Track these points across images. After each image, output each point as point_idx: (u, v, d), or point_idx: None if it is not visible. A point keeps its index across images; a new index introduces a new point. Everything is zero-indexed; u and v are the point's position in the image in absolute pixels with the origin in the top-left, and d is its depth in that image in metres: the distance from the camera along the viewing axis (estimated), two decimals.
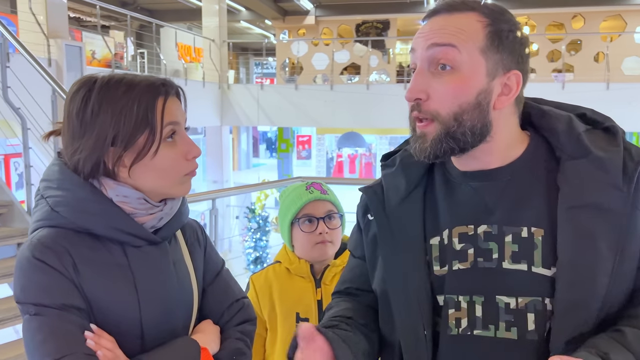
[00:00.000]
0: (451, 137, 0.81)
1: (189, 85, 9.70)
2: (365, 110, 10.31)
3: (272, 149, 21.68)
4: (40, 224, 0.90)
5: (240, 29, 17.33)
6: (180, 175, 0.94)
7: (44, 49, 6.02)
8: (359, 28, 14.53)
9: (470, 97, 0.80)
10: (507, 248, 0.82)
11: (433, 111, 0.81)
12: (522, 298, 0.80)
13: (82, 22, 13.95)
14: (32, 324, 0.84)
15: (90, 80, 0.91)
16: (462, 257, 0.85)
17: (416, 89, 0.82)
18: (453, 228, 0.86)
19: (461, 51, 0.79)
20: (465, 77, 0.80)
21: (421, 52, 0.82)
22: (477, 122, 0.81)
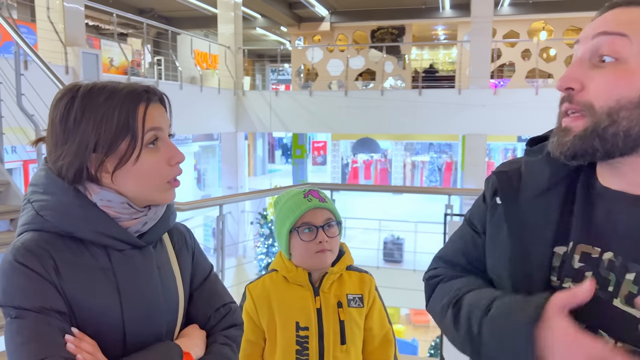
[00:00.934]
0: (599, 135, 0.72)
1: (205, 92, 9.80)
2: (379, 116, 10.29)
3: (288, 155, 21.77)
4: (25, 228, 0.91)
5: (256, 35, 17.47)
6: (164, 181, 0.94)
7: (62, 57, 6.13)
8: (374, 34, 14.53)
9: (632, 93, 0.71)
10: (625, 286, 0.73)
11: (586, 102, 0.73)
12: (621, 344, 0.72)
13: (101, 30, 14.20)
14: (12, 327, 0.84)
15: (74, 88, 0.92)
16: (577, 277, 0.78)
17: (570, 76, 0.74)
18: (578, 244, 0.79)
19: (632, 41, 0.71)
20: (631, 70, 0.71)
21: (586, 40, 0.75)
22: (635, 124, 0.71)
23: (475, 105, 9.37)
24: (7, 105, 3.73)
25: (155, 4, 13.60)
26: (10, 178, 3.60)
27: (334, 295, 1.47)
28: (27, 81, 3.65)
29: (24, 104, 3.61)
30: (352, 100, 10.38)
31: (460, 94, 9.74)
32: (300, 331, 1.43)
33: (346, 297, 1.47)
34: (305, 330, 1.43)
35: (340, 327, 1.44)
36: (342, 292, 1.48)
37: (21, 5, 10.73)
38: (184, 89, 9.06)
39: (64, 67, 6.06)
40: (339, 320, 1.45)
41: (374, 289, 1.53)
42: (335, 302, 1.46)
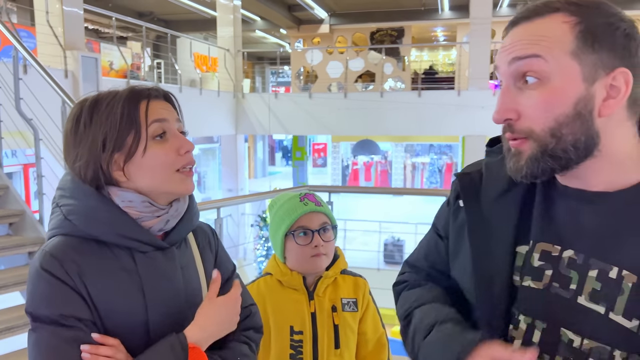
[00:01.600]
0: (550, 155, 0.73)
1: (204, 95, 9.81)
2: (379, 118, 10.29)
3: (288, 157, 21.77)
4: (54, 232, 0.94)
5: (255, 38, 17.48)
6: (174, 170, 0.95)
7: (61, 61, 6.14)
8: (374, 36, 14.55)
9: (566, 108, 0.71)
10: (589, 283, 0.73)
11: (527, 129, 0.73)
12: (588, 340, 0.73)
13: (101, 34, 14.22)
14: (30, 340, 0.88)
15: (84, 101, 0.97)
16: (536, 275, 0.78)
17: (504, 108, 0.74)
18: (538, 242, 0.79)
19: (547, 60, 0.71)
20: (557, 87, 0.71)
21: (504, 69, 0.75)
22: (579, 135, 0.71)
23: (475, 106, 9.36)
24: (5, 109, 3.74)
25: (154, 7, 13.63)
26: (9, 182, 3.60)
27: (329, 299, 1.46)
28: (25, 85, 3.66)
29: (22, 108, 3.61)
30: (352, 102, 10.38)
31: (459, 95, 9.74)
32: (295, 335, 1.43)
33: (340, 301, 1.47)
34: (300, 335, 1.43)
35: (334, 331, 1.44)
36: (336, 296, 1.47)
37: (21, 10, 10.75)
38: (184, 91, 9.06)
39: (63, 71, 6.06)
40: (333, 325, 1.44)
41: (367, 293, 1.53)
42: (329, 306, 1.46)
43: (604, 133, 0.73)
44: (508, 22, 0.77)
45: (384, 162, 17.08)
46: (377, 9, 13.49)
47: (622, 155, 0.74)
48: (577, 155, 0.73)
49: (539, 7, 0.74)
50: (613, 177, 0.75)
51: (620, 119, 0.74)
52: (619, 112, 0.73)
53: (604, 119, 0.72)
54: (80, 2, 6.56)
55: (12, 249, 3.25)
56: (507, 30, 0.76)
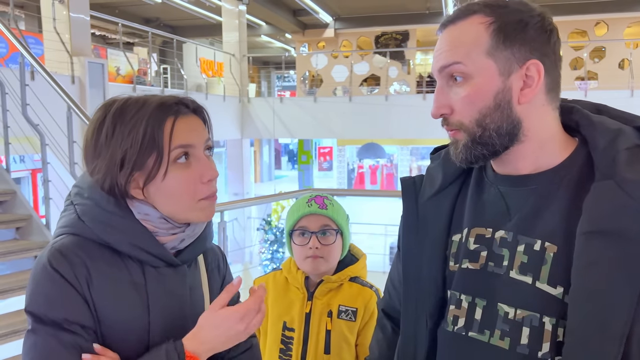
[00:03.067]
0: (478, 143, 0.82)
1: (210, 100, 9.86)
2: (384, 121, 10.30)
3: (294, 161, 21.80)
4: (65, 230, 0.89)
5: (260, 42, 17.55)
6: (196, 200, 0.90)
7: (68, 67, 6.20)
8: (379, 39, 14.56)
9: (487, 101, 0.80)
10: (518, 258, 0.81)
11: (457, 123, 0.83)
12: (520, 310, 0.79)
13: (108, 40, 14.34)
14: (27, 341, 0.83)
15: (110, 104, 0.91)
16: (473, 257, 0.86)
17: (438, 105, 0.84)
18: (472, 228, 0.87)
19: (467, 64, 0.80)
20: (478, 83, 0.80)
21: (436, 74, 0.84)
22: (501, 122, 0.80)
23: None
24: (12, 115, 3.79)
25: (160, 13, 13.72)
26: (17, 187, 3.65)
27: (327, 303, 1.45)
28: (32, 91, 3.71)
29: (29, 114, 3.65)
30: (357, 106, 10.40)
31: None
32: (287, 331, 1.45)
33: (338, 308, 1.44)
34: (291, 332, 1.44)
35: (325, 336, 1.42)
36: (335, 302, 1.45)
37: (29, 17, 10.87)
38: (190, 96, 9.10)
39: (70, 77, 6.13)
40: (325, 329, 1.43)
41: (373, 304, 1.45)
42: (325, 310, 1.44)
43: (526, 118, 0.81)
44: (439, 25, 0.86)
45: (389, 166, 17.07)
46: (381, 12, 13.51)
47: (545, 137, 0.83)
48: (501, 141, 0.82)
49: (460, 11, 0.83)
50: (538, 160, 0.83)
51: (539, 104, 0.82)
52: (538, 98, 0.81)
53: (523, 106, 0.81)
54: (87, 9, 6.63)
55: (19, 253, 3.29)
56: (438, 32, 0.86)
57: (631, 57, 10.04)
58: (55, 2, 6.24)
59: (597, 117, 0.83)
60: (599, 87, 11.27)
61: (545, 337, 0.76)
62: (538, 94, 0.80)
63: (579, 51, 11.91)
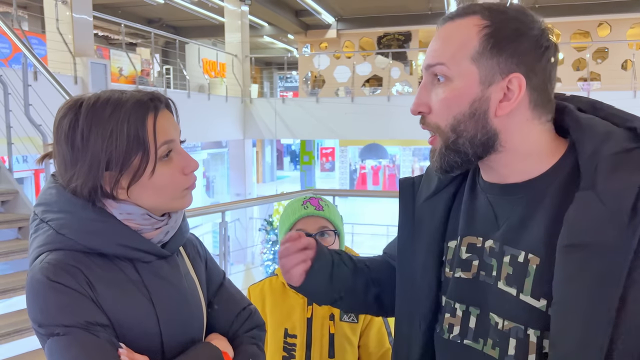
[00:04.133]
0: (452, 149, 0.80)
1: (212, 100, 9.88)
2: (386, 122, 10.30)
3: (296, 162, 21.81)
4: (46, 248, 0.86)
5: (263, 43, 17.58)
6: (179, 191, 0.92)
7: (71, 67, 6.22)
8: (381, 40, 14.57)
9: (463, 108, 0.78)
10: (504, 268, 0.80)
11: (434, 124, 0.81)
12: (507, 321, 0.78)
13: (110, 40, 14.37)
14: (60, 344, 0.80)
15: (76, 104, 0.87)
16: (465, 266, 0.85)
17: (418, 102, 0.82)
18: (464, 237, 0.86)
19: (449, 67, 0.78)
20: (457, 87, 0.78)
21: (423, 70, 0.83)
22: (475, 131, 0.78)
23: None
24: (15, 115, 3.80)
25: (163, 14, 13.75)
26: (19, 187, 3.66)
27: (328, 307, 1.38)
28: (34, 92, 3.72)
29: (31, 114, 3.67)
30: (359, 107, 10.40)
31: None
32: (288, 338, 1.43)
33: (340, 311, 1.43)
34: (293, 338, 1.43)
35: (329, 340, 1.42)
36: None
37: (32, 17, 10.90)
38: (192, 97, 9.14)
39: (73, 77, 6.15)
40: (328, 333, 1.42)
41: None
42: (327, 314, 1.43)
43: (504, 131, 0.79)
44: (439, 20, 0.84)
45: (391, 166, 17.07)
46: (384, 13, 13.51)
47: (527, 151, 0.80)
48: (474, 151, 0.80)
49: (462, 9, 0.81)
50: (524, 169, 0.81)
51: (522, 119, 0.79)
52: (520, 113, 0.78)
53: (502, 118, 0.78)
54: (89, 10, 6.65)
55: (22, 253, 3.30)
56: (437, 26, 0.84)
57: (634, 58, 10.01)
58: (59, 3, 6.27)
59: (586, 119, 0.79)
60: (602, 88, 11.25)
61: (531, 349, 0.76)
62: (519, 108, 0.77)
63: (582, 52, 11.89)
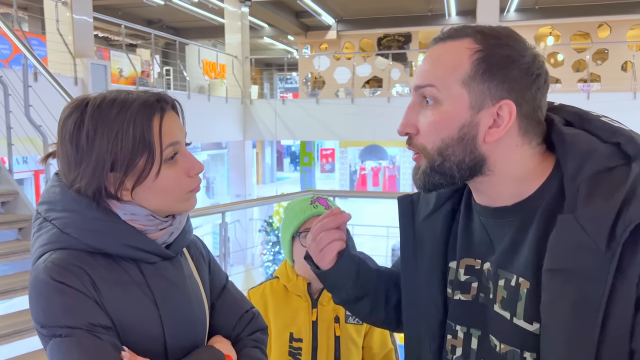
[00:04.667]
0: (437, 171, 0.79)
1: (212, 101, 9.88)
2: (387, 123, 10.28)
3: (296, 163, 21.81)
4: (50, 247, 0.86)
5: (263, 44, 17.58)
6: (184, 193, 0.91)
7: (71, 68, 6.23)
8: (381, 41, 14.58)
9: (452, 132, 0.77)
10: (499, 292, 0.80)
11: (420, 145, 0.80)
12: (504, 345, 0.78)
13: (110, 41, 14.38)
14: (63, 346, 0.79)
15: (82, 103, 0.87)
16: (465, 289, 0.85)
17: (406, 123, 0.81)
18: (462, 259, 0.86)
19: (440, 89, 0.77)
20: (446, 111, 0.77)
21: (412, 91, 0.82)
22: (463, 156, 0.78)
23: None
24: (15, 116, 3.80)
25: (163, 15, 13.76)
26: (19, 188, 3.67)
27: (332, 309, 1.43)
28: (34, 92, 3.72)
29: (32, 115, 3.67)
30: (359, 108, 10.40)
31: None
32: (294, 342, 1.42)
33: (344, 312, 1.43)
34: (299, 342, 1.41)
35: (335, 343, 1.41)
36: (340, 307, 1.42)
37: (32, 18, 10.91)
38: (192, 98, 9.14)
39: (73, 78, 6.15)
40: (334, 336, 1.41)
41: None
42: (332, 317, 1.43)
43: (492, 156, 0.78)
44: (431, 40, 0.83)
45: (391, 167, 17.06)
46: (384, 14, 13.52)
47: (515, 174, 0.79)
48: (461, 175, 0.79)
49: (454, 30, 0.80)
50: (510, 191, 0.80)
51: (511, 145, 0.78)
52: (510, 139, 0.77)
53: (489, 144, 0.77)
54: (90, 11, 6.66)
55: (22, 254, 3.30)
56: (430, 45, 0.83)
57: (634, 59, 10.01)
58: (59, 4, 6.27)
59: (570, 136, 0.77)
60: (602, 89, 11.25)
61: None
62: (508, 135, 0.77)
63: (582, 53, 11.89)
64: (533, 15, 12.54)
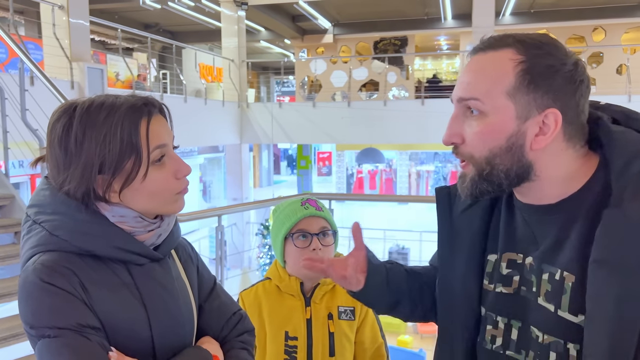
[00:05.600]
0: (484, 179, 0.81)
1: (209, 105, 9.88)
2: (383, 126, 10.32)
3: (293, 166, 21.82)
4: (39, 249, 0.87)
5: (260, 48, 17.61)
6: (171, 195, 0.93)
7: (67, 72, 6.23)
8: (377, 45, 14.62)
9: (500, 142, 0.79)
10: (543, 285, 0.82)
11: (467, 154, 0.83)
12: (547, 336, 0.81)
13: (107, 45, 14.38)
14: (52, 346, 0.80)
15: (71, 108, 0.89)
16: (506, 282, 0.88)
17: (452, 133, 0.83)
18: (504, 253, 0.89)
19: (484, 102, 0.79)
20: (493, 122, 0.79)
21: (455, 102, 0.84)
22: (511, 165, 0.80)
23: None
24: (12, 120, 3.80)
25: (160, 19, 13.77)
26: (15, 192, 3.66)
27: (325, 306, 1.46)
28: (31, 96, 3.72)
29: (28, 119, 3.67)
30: (356, 111, 10.42)
31: None
32: (289, 341, 1.44)
33: (337, 309, 1.46)
34: (294, 340, 1.43)
35: (329, 339, 1.44)
36: (333, 304, 1.47)
37: (28, 22, 10.90)
38: (189, 102, 9.14)
39: (70, 82, 6.15)
40: (328, 332, 1.44)
41: None
42: (325, 314, 1.45)
43: (539, 163, 0.81)
44: (471, 48, 0.85)
45: (388, 171, 17.08)
46: (380, 18, 13.57)
47: (560, 177, 0.82)
48: (508, 182, 0.82)
49: (494, 40, 0.81)
50: (555, 192, 0.83)
51: (557, 150, 0.80)
52: (555, 145, 0.80)
53: (536, 152, 0.80)
54: (86, 15, 6.66)
55: (18, 258, 3.27)
56: (469, 55, 0.84)
57: (628, 63, 10.07)
58: (55, 8, 6.27)
59: (618, 133, 0.80)
60: (597, 92, 11.29)
61: None
62: (554, 141, 0.79)
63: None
64: (528, 19, 12.61)
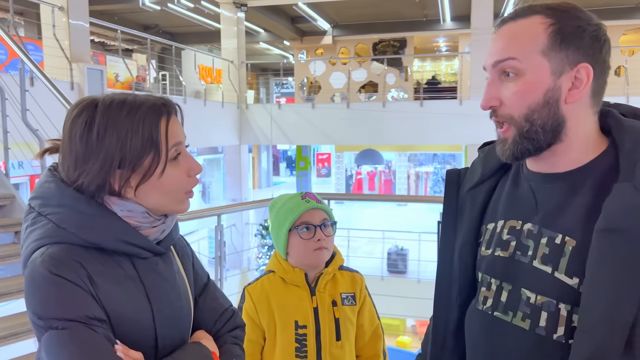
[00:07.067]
0: (525, 137, 0.87)
1: (208, 106, 9.90)
2: (382, 128, 10.34)
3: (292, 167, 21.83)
4: (45, 241, 0.88)
5: (259, 49, 17.63)
6: (182, 193, 0.96)
7: (67, 73, 6.25)
8: (376, 47, 14.66)
9: (537, 98, 0.85)
10: (541, 249, 0.88)
11: (507, 115, 0.88)
12: (540, 296, 0.86)
13: (107, 46, 14.40)
14: (60, 338, 0.81)
15: (92, 104, 0.91)
16: (504, 246, 0.94)
17: (488, 97, 0.89)
18: (507, 220, 0.94)
19: (521, 60, 0.85)
20: (530, 80, 0.85)
21: (490, 68, 0.89)
22: (547, 119, 0.85)
23: (477, 115, 9.33)
24: (12, 121, 3.82)
25: (159, 20, 13.80)
26: (15, 192, 3.68)
27: (329, 294, 1.56)
28: (31, 97, 3.74)
29: (28, 119, 3.69)
30: (355, 112, 10.45)
31: (462, 105, 9.79)
32: (299, 329, 1.51)
33: (340, 296, 1.56)
34: (304, 329, 1.51)
35: (335, 325, 1.53)
36: (336, 292, 1.57)
37: (28, 23, 10.92)
38: (188, 103, 9.17)
39: (69, 83, 6.17)
40: (334, 318, 1.54)
41: (364, 287, 1.63)
42: (330, 301, 1.55)
43: (570, 117, 0.86)
44: (499, 21, 0.90)
45: (387, 172, 17.11)
46: (379, 20, 13.60)
47: (582, 138, 0.88)
48: (545, 137, 0.87)
49: (522, 10, 0.88)
50: (571, 158, 0.89)
51: (584, 106, 0.87)
52: (583, 100, 0.86)
53: (569, 105, 0.86)
54: (86, 16, 6.69)
55: (18, 257, 3.31)
56: (497, 27, 0.90)
57: (627, 64, 10.11)
58: (55, 9, 6.30)
59: (629, 121, 0.87)
60: None
61: (561, 322, 0.84)
62: (584, 96, 0.85)
63: None
64: None
